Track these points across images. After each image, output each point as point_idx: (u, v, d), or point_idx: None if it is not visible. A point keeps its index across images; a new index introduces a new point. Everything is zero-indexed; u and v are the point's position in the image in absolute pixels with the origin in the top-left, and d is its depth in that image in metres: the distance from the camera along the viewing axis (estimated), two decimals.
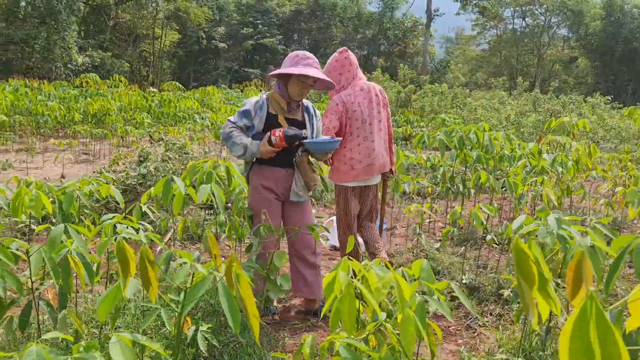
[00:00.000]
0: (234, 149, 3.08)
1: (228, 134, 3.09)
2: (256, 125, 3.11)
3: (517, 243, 0.83)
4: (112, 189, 2.98)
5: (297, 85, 3.08)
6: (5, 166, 5.86)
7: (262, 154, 3.03)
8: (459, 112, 15.40)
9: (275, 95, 3.15)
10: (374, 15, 39.60)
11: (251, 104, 3.14)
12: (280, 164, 3.16)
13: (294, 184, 3.19)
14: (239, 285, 1.14)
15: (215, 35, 36.59)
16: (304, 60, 3.09)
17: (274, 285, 2.99)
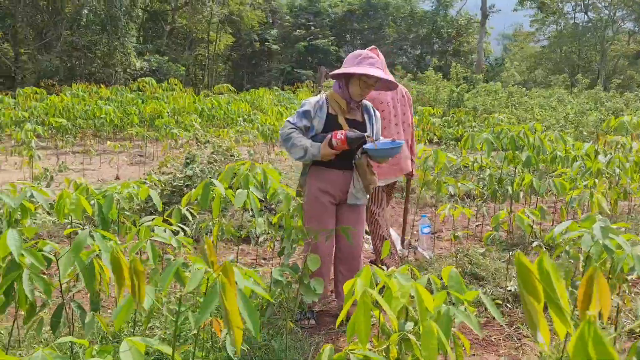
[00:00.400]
0: (294, 150, 2.96)
1: (287, 135, 2.98)
2: (316, 126, 3.02)
3: (518, 258, 0.76)
4: (150, 192, 3.03)
5: (358, 85, 3.00)
6: (62, 168, 6.11)
7: (322, 157, 2.92)
8: (513, 111, 14.92)
9: (335, 96, 3.08)
10: (427, 14, 39.01)
11: (311, 104, 3.05)
12: (338, 166, 3.06)
13: (352, 186, 3.10)
14: (224, 296, 1.11)
15: (268, 38, 37.05)
16: (366, 60, 2.99)
17: (307, 289, 2.96)
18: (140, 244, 2.28)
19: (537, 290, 0.77)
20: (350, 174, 3.09)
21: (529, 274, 0.77)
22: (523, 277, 0.78)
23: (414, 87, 18.24)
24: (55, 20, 22.73)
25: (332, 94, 3.09)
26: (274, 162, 7.49)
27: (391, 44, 39.56)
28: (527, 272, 0.77)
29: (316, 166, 3.08)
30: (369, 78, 2.96)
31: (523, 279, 0.78)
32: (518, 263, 0.77)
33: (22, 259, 1.95)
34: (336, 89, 3.09)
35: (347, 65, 3.03)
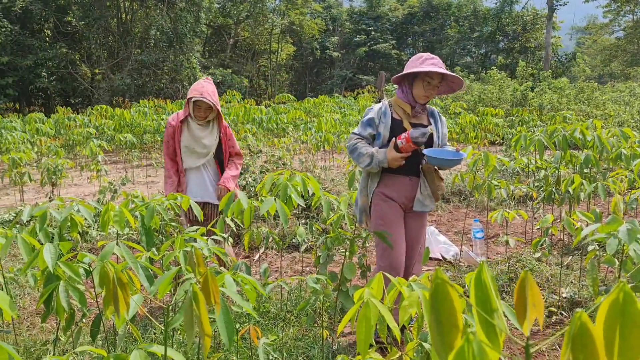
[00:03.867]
0: (361, 160, 2.94)
1: (353, 145, 2.96)
2: (382, 133, 2.97)
3: (437, 275, 0.72)
4: (191, 203, 3.11)
5: (422, 86, 2.93)
6: (125, 181, 6.39)
7: (390, 162, 2.85)
8: (583, 108, 14.21)
9: (398, 100, 3.04)
10: (491, 12, 37.88)
11: (374, 111, 3.02)
12: (405, 172, 2.99)
13: (419, 192, 3.00)
14: (197, 304, 1.12)
15: (329, 45, 37.31)
16: (429, 60, 2.94)
17: (346, 297, 2.94)
18: (174, 254, 2.35)
19: (455, 315, 0.72)
20: (417, 180, 3.02)
21: (446, 293, 0.71)
22: (438, 298, 0.73)
23: (476, 88, 17.77)
24: (126, 41, 23.94)
25: (395, 99, 3.05)
26: (327, 169, 7.52)
27: (454, 44, 38.75)
28: (444, 291, 0.71)
29: (383, 173, 3.02)
30: (432, 78, 2.90)
31: (437, 301, 0.73)
32: (435, 281, 0.72)
33: (60, 270, 2.06)
34: (399, 94, 3.04)
35: (409, 68, 2.96)
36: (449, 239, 5.17)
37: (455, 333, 0.89)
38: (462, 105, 14.67)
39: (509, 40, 37.73)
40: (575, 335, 0.66)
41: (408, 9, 39.89)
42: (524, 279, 0.88)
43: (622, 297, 0.65)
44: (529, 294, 0.87)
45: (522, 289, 0.88)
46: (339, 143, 9.85)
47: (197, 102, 3.67)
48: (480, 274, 0.94)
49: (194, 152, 3.78)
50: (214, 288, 1.18)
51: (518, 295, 0.89)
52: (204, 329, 1.12)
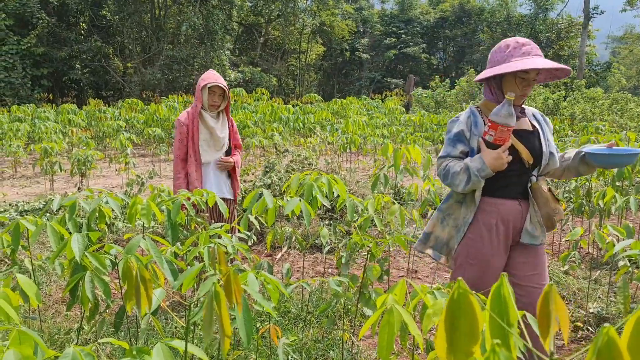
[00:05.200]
0: (456, 180, 2.28)
1: (444, 169, 2.35)
2: (476, 148, 2.31)
3: (459, 285, 0.70)
4: (217, 199, 3.13)
5: (515, 84, 2.27)
6: (152, 174, 6.47)
7: (491, 164, 2.19)
8: (616, 119, 13.90)
9: (488, 104, 2.41)
10: (525, 18, 37.37)
11: (462, 122, 2.37)
12: (511, 193, 2.32)
13: (528, 219, 2.32)
14: (218, 303, 1.11)
15: (359, 47, 37.25)
16: (518, 50, 2.27)
17: (367, 300, 2.92)
18: (198, 249, 2.36)
19: (476, 329, 0.70)
20: (526, 204, 2.34)
21: (469, 304, 0.69)
22: (456, 310, 0.70)
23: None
24: (158, 36, 24.28)
25: (484, 102, 2.44)
26: (352, 171, 7.50)
27: (485, 50, 38.29)
28: (467, 302, 0.69)
29: (482, 197, 2.34)
30: (527, 72, 2.25)
31: (454, 312, 0.71)
32: (452, 297, 0.70)
33: (87, 260, 2.09)
34: (488, 96, 2.42)
35: (494, 62, 2.33)
36: None
37: (473, 343, 0.87)
38: None
39: (542, 48, 37.14)
40: (601, 349, 0.63)
41: (440, 13, 39.60)
42: (547, 292, 0.86)
43: None
44: (552, 307, 0.84)
45: (546, 302, 0.85)
46: (365, 145, 9.82)
47: (212, 88, 3.71)
48: (499, 289, 0.92)
49: (211, 146, 3.83)
50: (236, 287, 1.18)
51: (541, 308, 0.87)
52: (224, 329, 1.12)
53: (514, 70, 2.17)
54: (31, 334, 1.30)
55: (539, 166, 2.33)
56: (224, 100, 3.82)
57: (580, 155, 2.34)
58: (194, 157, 3.80)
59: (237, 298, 1.18)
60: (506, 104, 2.11)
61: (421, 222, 3.54)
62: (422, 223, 3.57)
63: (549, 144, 2.36)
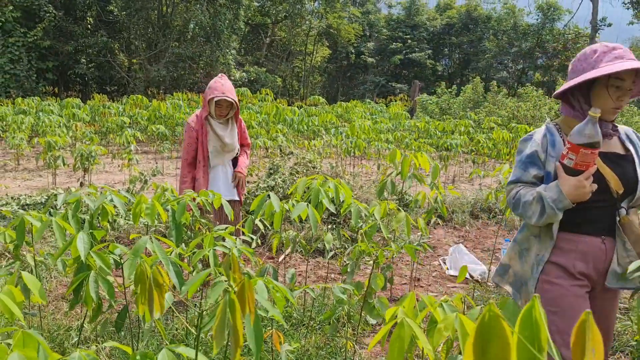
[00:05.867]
0: (528, 211, 1.90)
1: (514, 197, 1.97)
2: (552, 172, 1.93)
3: (490, 309, 0.67)
4: (222, 201, 3.10)
5: (608, 94, 1.86)
6: (155, 172, 6.44)
7: (571, 194, 1.79)
8: None
9: (570, 121, 1.98)
10: (532, 27, 37.38)
11: (536, 142, 1.98)
12: (590, 229, 1.91)
13: (616, 260, 1.91)
14: (233, 313, 1.09)
15: (364, 51, 37.27)
16: (609, 54, 1.85)
17: (371, 309, 2.89)
18: (203, 252, 2.34)
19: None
20: (612, 242, 1.92)
21: (502, 330, 0.66)
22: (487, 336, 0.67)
23: (510, 103, 17.52)
24: (165, 33, 24.29)
25: (564, 119, 2.02)
26: (356, 175, 7.48)
27: (491, 58, 38.32)
28: (499, 327, 0.66)
29: (559, 233, 1.95)
30: (623, 79, 1.83)
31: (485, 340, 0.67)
32: (484, 319, 0.67)
33: (91, 260, 2.06)
34: (568, 112, 2.01)
35: (579, 71, 1.92)
36: (476, 256, 5.08)
37: None
38: (495, 121, 14.47)
39: (547, 58, 37.14)
40: None
41: (447, 20, 39.63)
42: (584, 320, 0.83)
43: None
44: (589, 337, 0.81)
45: (582, 331, 0.82)
46: (369, 149, 9.80)
47: (219, 101, 3.69)
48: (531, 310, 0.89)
49: (220, 152, 3.82)
50: (250, 297, 1.15)
51: (577, 337, 0.84)
52: (237, 339, 1.09)
53: (608, 73, 1.78)
54: (35, 336, 1.28)
55: (632, 197, 1.93)
56: (232, 108, 3.81)
57: None
58: (202, 162, 3.79)
59: (251, 307, 1.15)
60: (590, 122, 1.73)
61: (427, 231, 3.51)
62: (427, 231, 3.54)
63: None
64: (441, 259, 5.02)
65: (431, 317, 1.61)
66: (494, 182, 9.47)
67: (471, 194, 7.64)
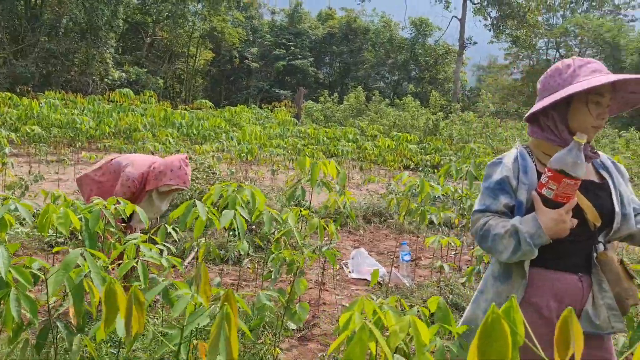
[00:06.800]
0: (498, 245, 1.65)
1: (482, 228, 1.71)
2: (524, 201, 1.71)
3: (493, 310, 0.77)
4: (137, 209, 2.98)
5: (588, 111, 1.69)
6: (37, 178, 5.97)
7: (549, 230, 1.58)
8: (488, 141, 15.24)
9: (542, 144, 1.79)
10: (406, 41, 39.77)
11: (507, 167, 1.76)
12: (566, 265, 1.71)
13: (591, 301, 1.69)
14: (229, 326, 1.10)
15: (248, 55, 37.20)
16: (585, 68, 1.71)
17: (292, 314, 2.94)
18: (130, 263, 2.25)
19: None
20: (589, 280, 1.72)
21: (502, 330, 0.77)
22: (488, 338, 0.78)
23: (391, 113, 18.49)
24: (34, 26, 22.42)
25: (535, 142, 1.82)
26: (254, 181, 7.48)
27: (369, 68, 40.11)
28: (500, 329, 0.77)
29: (530, 270, 1.71)
30: (602, 94, 1.68)
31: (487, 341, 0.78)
32: (486, 324, 0.78)
33: (9, 276, 1.90)
34: (539, 134, 1.80)
35: (553, 88, 1.74)
36: (375, 259, 5.32)
37: None
38: (378, 129, 15.19)
39: (420, 70, 39.70)
40: None
41: (328, 29, 40.79)
42: (567, 317, 0.96)
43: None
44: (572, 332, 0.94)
45: (566, 326, 0.95)
46: (261, 155, 9.83)
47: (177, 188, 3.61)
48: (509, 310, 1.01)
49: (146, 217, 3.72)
50: (235, 309, 1.16)
51: (561, 330, 0.96)
52: (232, 354, 1.09)
53: (598, 85, 1.60)
54: None
55: (608, 230, 1.73)
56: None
57: None
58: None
59: (234, 319, 1.16)
60: (574, 148, 1.55)
61: (338, 237, 3.64)
62: (339, 237, 3.67)
63: (622, 201, 1.74)
64: (342, 263, 5.19)
65: (375, 321, 1.70)
66: (379, 187, 9.94)
67: (362, 199, 7.97)
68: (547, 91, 1.76)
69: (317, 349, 3.29)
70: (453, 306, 3.93)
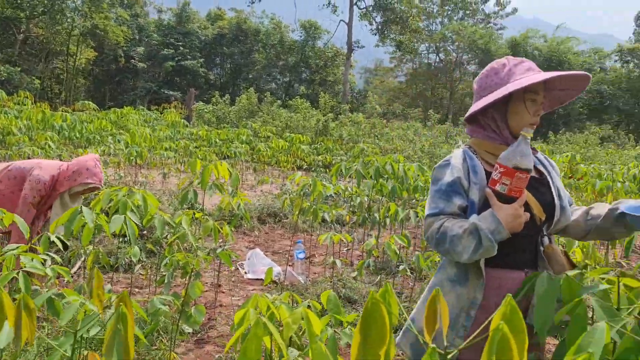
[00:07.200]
0: (457, 246, 1.63)
1: (439, 230, 1.68)
2: (476, 201, 1.72)
3: (372, 295, 0.88)
4: (16, 218, 2.82)
5: (526, 109, 1.76)
6: None
7: (509, 224, 1.60)
8: (376, 141, 15.90)
9: (485, 145, 1.83)
10: (296, 44, 40.28)
11: (457, 168, 1.77)
12: (514, 262, 1.74)
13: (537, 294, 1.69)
14: (125, 327, 1.12)
15: (135, 55, 35.67)
16: (519, 66, 1.79)
17: (187, 317, 2.93)
18: (11, 274, 2.13)
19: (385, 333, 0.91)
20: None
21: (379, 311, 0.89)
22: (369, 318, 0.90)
23: (283, 114, 18.69)
24: None
25: (477, 141, 1.86)
26: (144, 185, 7.24)
27: (261, 70, 40.12)
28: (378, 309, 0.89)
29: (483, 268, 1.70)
30: (536, 92, 1.76)
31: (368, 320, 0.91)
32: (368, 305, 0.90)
33: None
34: (480, 134, 1.86)
35: (491, 87, 1.80)
36: (270, 258, 5.40)
37: (382, 346, 1.05)
38: (271, 130, 15.29)
39: (311, 72, 40.40)
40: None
41: (218, 29, 40.22)
42: (435, 296, 1.09)
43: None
44: (439, 307, 1.07)
45: (434, 302, 1.08)
46: (152, 158, 9.53)
47: (93, 187, 3.50)
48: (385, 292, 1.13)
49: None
50: (131, 312, 1.17)
51: (429, 308, 1.09)
52: (129, 355, 1.10)
53: (530, 84, 1.68)
54: None
55: (550, 223, 1.78)
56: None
57: (615, 214, 1.73)
58: (37, 220, 3.48)
59: (131, 319, 1.17)
60: (522, 143, 1.63)
61: (233, 238, 3.67)
62: (234, 238, 3.70)
63: (559, 194, 1.81)
64: (238, 264, 5.21)
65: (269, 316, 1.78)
66: (274, 188, 10.03)
67: (257, 200, 8.01)
68: (485, 90, 1.82)
69: (214, 350, 3.30)
70: (346, 299, 4.10)
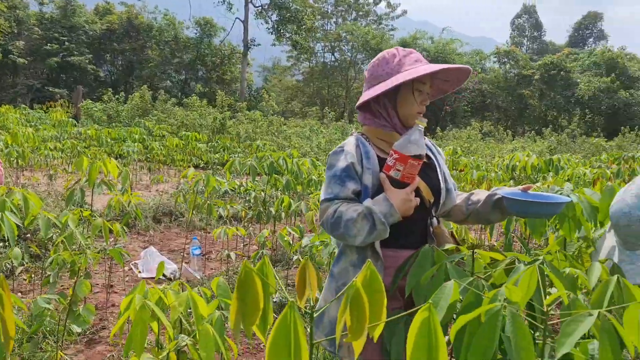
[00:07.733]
0: (351, 230, 1.69)
1: (334, 216, 1.72)
2: (370, 186, 1.78)
3: (245, 265, 1.00)
4: None
5: (414, 99, 1.84)
6: None
7: (401, 207, 1.69)
8: (274, 139, 16.04)
9: (377, 131, 1.91)
10: (192, 41, 39.34)
11: (351, 154, 1.82)
12: (407, 242, 1.83)
13: None
14: (2, 304, 1.14)
15: (13, 50, 33.06)
16: (408, 57, 1.86)
17: (76, 317, 2.87)
18: None
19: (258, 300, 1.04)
20: None
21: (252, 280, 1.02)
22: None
23: (178, 113, 18.29)
24: None
25: (370, 129, 1.93)
26: (27, 187, 6.83)
27: (155, 67, 38.77)
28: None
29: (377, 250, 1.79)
30: (423, 83, 1.85)
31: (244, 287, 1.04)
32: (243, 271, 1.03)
33: None
34: (372, 122, 1.93)
35: (382, 77, 1.86)
36: (166, 257, 5.34)
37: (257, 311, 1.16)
38: (166, 129, 14.91)
39: (207, 70, 39.67)
40: None
41: (107, 25, 38.31)
42: (304, 265, 1.21)
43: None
44: (309, 275, 1.20)
45: (303, 271, 1.20)
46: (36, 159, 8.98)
47: None
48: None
49: None
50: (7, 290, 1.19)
51: (299, 277, 1.22)
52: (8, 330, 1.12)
53: (421, 75, 1.76)
54: None
55: (437, 205, 1.90)
56: None
57: (493, 199, 1.86)
58: None
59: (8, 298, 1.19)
60: (416, 132, 1.71)
61: (125, 236, 3.62)
62: (125, 237, 3.65)
63: (445, 178, 1.93)
64: (132, 264, 5.11)
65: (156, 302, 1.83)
66: (170, 187, 9.84)
67: (152, 200, 7.84)
68: (376, 79, 1.87)
69: (106, 350, 3.25)
70: None
